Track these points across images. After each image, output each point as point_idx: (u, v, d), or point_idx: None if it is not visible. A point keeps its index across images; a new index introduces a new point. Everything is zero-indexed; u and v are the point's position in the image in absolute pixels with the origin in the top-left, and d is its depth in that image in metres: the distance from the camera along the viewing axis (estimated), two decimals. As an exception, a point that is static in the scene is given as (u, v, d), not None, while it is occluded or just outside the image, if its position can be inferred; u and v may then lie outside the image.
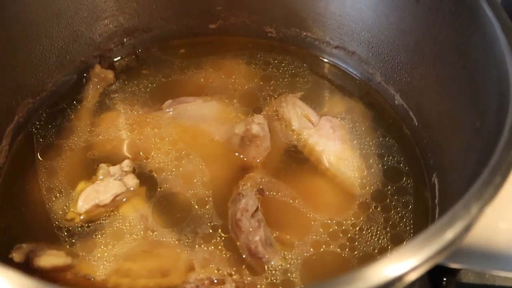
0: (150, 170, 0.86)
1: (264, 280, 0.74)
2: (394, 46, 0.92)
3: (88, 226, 0.79)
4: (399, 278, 0.45)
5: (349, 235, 0.79)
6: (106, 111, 0.96)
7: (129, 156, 0.88)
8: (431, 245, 0.45)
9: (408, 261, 0.45)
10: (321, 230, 0.79)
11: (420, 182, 0.86)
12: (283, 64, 1.04)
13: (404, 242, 0.78)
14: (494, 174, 0.50)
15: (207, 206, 0.82)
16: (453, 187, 0.74)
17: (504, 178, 0.50)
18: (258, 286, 0.73)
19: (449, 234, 0.45)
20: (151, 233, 0.79)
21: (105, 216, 0.80)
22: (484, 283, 0.90)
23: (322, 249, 0.77)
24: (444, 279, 0.88)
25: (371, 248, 0.78)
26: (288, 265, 0.75)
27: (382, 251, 0.77)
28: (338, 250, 0.77)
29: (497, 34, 0.63)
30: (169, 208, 0.82)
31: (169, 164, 0.87)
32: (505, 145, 0.53)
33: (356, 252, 0.77)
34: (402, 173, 0.87)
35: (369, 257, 0.77)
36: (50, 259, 0.69)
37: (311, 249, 0.77)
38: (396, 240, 0.79)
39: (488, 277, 0.88)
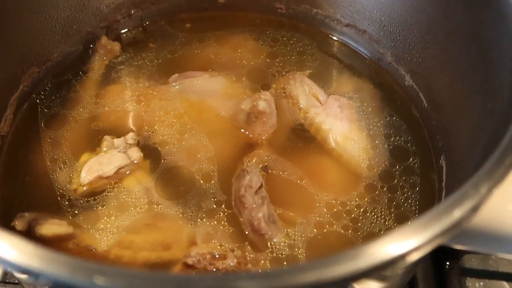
0: (154, 143, 0.85)
1: (269, 254, 0.73)
2: (407, 25, 0.90)
3: (92, 198, 0.79)
4: (403, 256, 0.44)
5: (352, 215, 0.78)
6: (112, 83, 0.95)
7: (134, 128, 0.87)
8: (438, 224, 0.44)
9: (413, 239, 0.44)
10: (325, 209, 0.78)
11: (427, 164, 0.85)
12: (291, 42, 1.02)
13: (409, 223, 0.77)
14: (505, 154, 0.49)
15: (212, 181, 0.81)
16: (461, 171, 0.73)
17: (515, 159, 0.48)
18: (262, 262, 0.73)
19: (457, 213, 0.44)
20: (155, 206, 0.78)
21: (109, 188, 0.80)
22: (487, 269, 0.89)
23: (325, 229, 0.76)
24: (447, 263, 0.87)
25: (377, 229, 0.77)
26: (292, 241, 0.75)
27: (387, 232, 0.77)
28: (342, 231, 0.76)
29: (513, 12, 0.61)
30: (173, 181, 0.81)
31: (174, 138, 0.86)
32: (517, 125, 0.51)
33: (359, 232, 0.76)
34: (409, 154, 0.86)
35: (373, 238, 0.76)
36: (51, 227, 0.69)
37: (314, 230, 0.76)
38: (401, 221, 0.78)
39: (491, 262, 0.88)
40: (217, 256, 0.72)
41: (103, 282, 0.37)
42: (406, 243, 0.44)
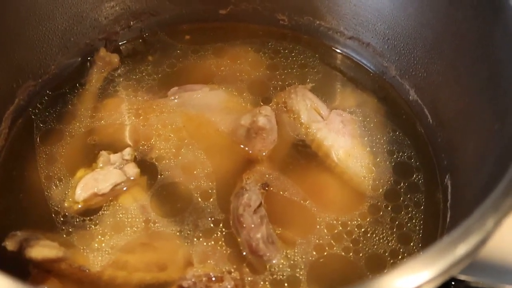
0: (151, 158, 0.84)
1: (269, 276, 0.72)
2: (411, 39, 0.88)
3: (86, 216, 0.77)
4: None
5: (353, 236, 0.76)
6: (110, 96, 0.93)
7: (131, 143, 0.86)
8: (442, 260, 0.42)
9: (418, 274, 0.42)
10: (325, 230, 0.76)
11: (432, 183, 0.83)
12: (293, 54, 1.00)
13: (411, 244, 0.75)
14: (513, 184, 0.46)
15: (211, 199, 0.79)
16: (467, 191, 0.70)
17: (524, 189, 0.46)
18: (262, 283, 0.71)
19: (462, 249, 0.42)
20: (151, 224, 0.77)
21: (105, 206, 0.78)
22: (494, 288, 0.86)
23: (326, 252, 0.74)
24: (453, 283, 0.85)
25: (381, 251, 0.75)
26: (292, 262, 0.73)
27: (392, 253, 0.75)
28: (343, 253, 0.74)
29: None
30: (170, 198, 0.80)
31: (171, 153, 0.84)
32: (526, 152, 0.49)
33: (361, 254, 0.74)
34: (413, 171, 0.84)
35: (377, 258, 0.74)
36: (41, 250, 0.67)
37: (314, 252, 0.74)
38: (404, 242, 0.76)
39: (498, 282, 0.85)
40: (213, 278, 0.70)
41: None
42: (411, 278, 0.42)
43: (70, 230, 0.76)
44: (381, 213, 0.79)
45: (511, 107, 0.61)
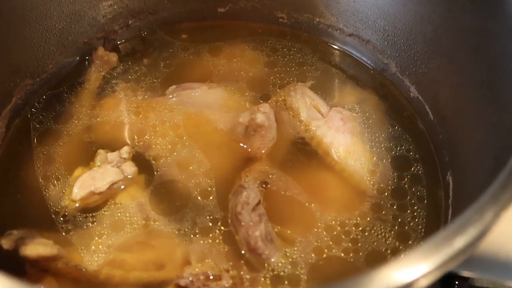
0: (149, 156, 0.83)
1: (270, 273, 0.71)
2: (411, 35, 0.87)
3: (84, 215, 0.77)
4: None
5: (351, 236, 0.75)
6: (108, 95, 0.93)
7: (129, 142, 0.85)
8: (440, 252, 0.41)
9: (416, 267, 0.41)
10: (324, 233, 0.75)
11: (434, 180, 0.82)
12: (291, 52, 0.99)
13: (410, 242, 0.74)
14: (512, 177, 0.45)
15: (210, 197, 0.79)
16: (468, 187, 0.69)
17: (523, 181, 0.45)
18: (262, 280, 0.70)
19: (460, 241, 0.41)
20: (149, 223, 0.76)
21: (103, 204, 0.78)
22: (498, 289, 0.85)
23: (326, 248, 0.73)
24: (456, 283, 0.84)
25: (383, 248, 0.74)
26: (291, 260, 0.72)
27: (394, 251, 0.73)
28: (342, 254, 0.73)
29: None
30: (168, 196, 0.79)
31: (170, 152, 0.83)
32: (526, 144, 0.48)
33: (361, 253, 0.73)
34: (413, 167, 0.83)
35: (379, 255, 0.73)
36: (36, 248, 0.66)
37: (313, 255, 0.73)
38: (406, 240, 0.75)
39: (502, 281, 0.84)
40: (211, 277, 0.69)
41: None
42: (408, 271, 0.41)
43: (69, 228, 0.75)
44: (383, 211, 0.77)
45: (509, 100, 0.60)
